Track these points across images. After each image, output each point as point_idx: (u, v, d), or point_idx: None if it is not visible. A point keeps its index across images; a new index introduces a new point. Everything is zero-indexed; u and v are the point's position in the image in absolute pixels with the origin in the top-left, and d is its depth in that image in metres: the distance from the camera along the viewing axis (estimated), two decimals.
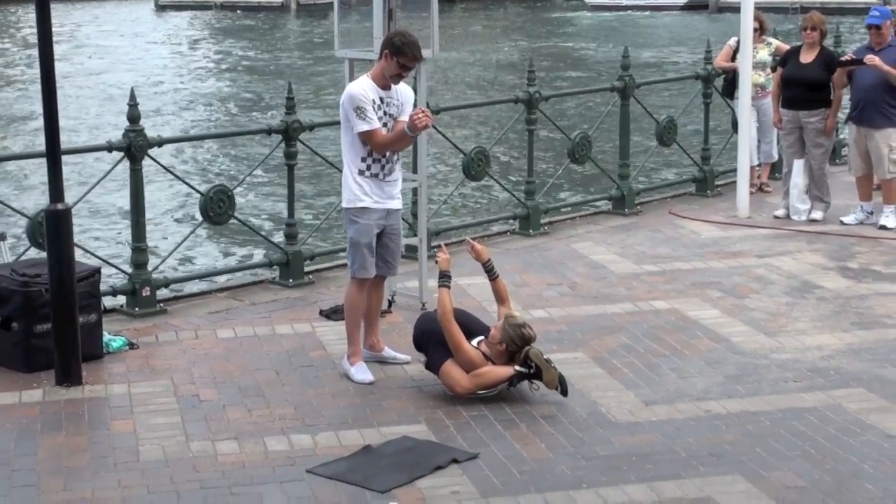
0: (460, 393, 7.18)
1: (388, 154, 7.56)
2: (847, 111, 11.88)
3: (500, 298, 7.65)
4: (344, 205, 7.61)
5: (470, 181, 11.52)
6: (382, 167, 7.54)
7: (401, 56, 7.38)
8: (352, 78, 9.08)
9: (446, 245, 8.15)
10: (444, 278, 7.38)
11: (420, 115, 7.40)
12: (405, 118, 7.54)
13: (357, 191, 7.51)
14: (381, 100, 7.47)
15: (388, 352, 7.85)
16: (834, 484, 6.10)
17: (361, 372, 7.53)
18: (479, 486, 6.09)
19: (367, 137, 7.44)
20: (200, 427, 6.86)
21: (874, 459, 6.39)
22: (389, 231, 7.68)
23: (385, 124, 7.47)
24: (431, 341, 7.33)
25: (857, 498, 5.96)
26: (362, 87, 7.47)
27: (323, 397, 7.32)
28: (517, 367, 7.14)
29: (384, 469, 6.27)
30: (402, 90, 7.64)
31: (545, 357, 7.13)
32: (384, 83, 7.50)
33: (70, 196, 8.22)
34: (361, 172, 7.51)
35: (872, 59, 11.10)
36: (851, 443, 6.60)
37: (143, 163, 9.07)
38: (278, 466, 6.35)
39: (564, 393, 7.11)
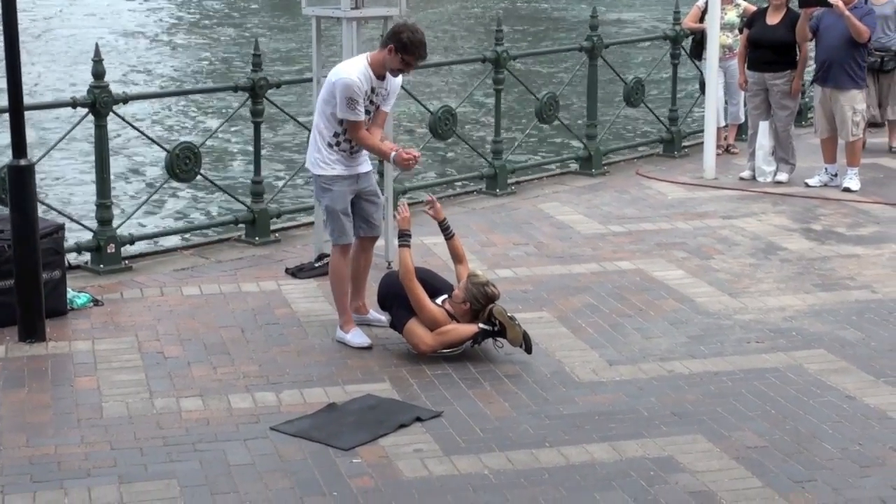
0: (424, 351, 7.20)
1: None
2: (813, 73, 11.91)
3: (457, 257, 7.64)
4: (314, 171, 7.53)
5: (437, 140, 11.50)
6: (352, 145, 7.47)
7: (407, 54, 7.21)
8: (319, 37, 9.06)
9: (410, 204, 8.12)
10: (404, 237, 7.34)
11: (411, 161, 7.41)
12: (387, 108, 7.55)
13: (328, 159, 7.45)
14: (373, 90, 7.35)
15: (372, 314, 7.79)
16: (793, 444, 6.17)
17: (358, 336, 7.49)
18: (443, 445, 6.13)
19: (347, 125, 7.35)
20: (165, 384, 6.86)
21: (833, 420, 6.47)
22: (364, 193, 7.63)
23: (367, 111, 7.37)
24: (396, 300, 7.33)
25: (816, 458, 6.02)
26: (360, 78, 7.24)
27: (287, 355, 7.33)
28: (481, 325, 7.16)
29: (348, 427, 6.30)
30: (392, 79, 7.49)
31: (509, 314, 7.15)
32: (381, 73, 7.34)
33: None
34: (331, 146, 7.44)
35: (837, 1, 11.10)
36: (811, 403, 6.67)
37: (109, 119, 9.03)
38: (242, 424, 6.36)
39: (529, 350, 7.14)
